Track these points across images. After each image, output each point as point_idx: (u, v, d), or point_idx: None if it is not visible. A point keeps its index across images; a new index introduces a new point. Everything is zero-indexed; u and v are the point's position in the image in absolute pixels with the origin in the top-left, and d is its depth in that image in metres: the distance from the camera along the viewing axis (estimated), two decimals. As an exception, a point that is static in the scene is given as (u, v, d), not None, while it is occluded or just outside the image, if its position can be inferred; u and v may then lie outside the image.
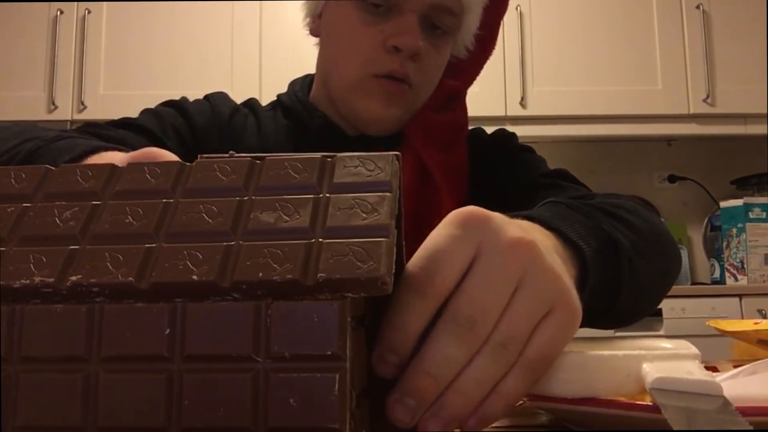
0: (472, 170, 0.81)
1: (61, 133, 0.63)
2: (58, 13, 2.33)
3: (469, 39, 0.79)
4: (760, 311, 2.05)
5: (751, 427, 0.30)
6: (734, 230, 2.28)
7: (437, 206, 0.75)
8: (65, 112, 2.29)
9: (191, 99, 0.83)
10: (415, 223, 0.33)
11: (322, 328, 0.24)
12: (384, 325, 0.30)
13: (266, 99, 0.88)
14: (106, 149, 0.52)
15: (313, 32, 0.80)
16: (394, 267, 0.26)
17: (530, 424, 0.44)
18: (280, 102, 0.85)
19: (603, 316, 0.56)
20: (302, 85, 0.84)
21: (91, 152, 0.51)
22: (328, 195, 0.28)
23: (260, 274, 0.25)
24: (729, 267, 2.29)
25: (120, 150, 0.51)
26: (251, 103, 0.85)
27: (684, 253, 2.47)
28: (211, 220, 0.27)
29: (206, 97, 0.84)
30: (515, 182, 0.79)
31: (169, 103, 0.81)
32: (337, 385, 0.24)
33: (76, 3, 2.35)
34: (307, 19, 0.80)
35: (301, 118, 0.80)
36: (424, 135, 0.77)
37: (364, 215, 0.27)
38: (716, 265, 2.41)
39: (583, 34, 2.36)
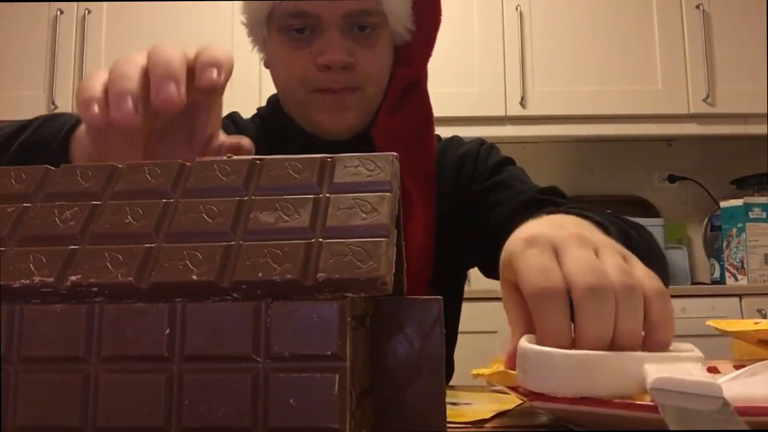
0: (447, 180, 0.84)
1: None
2: (58, 13, 2.33)
3: (404, 21, 0.80)
4: (760, 311, 2.05)
5: (747, 427, 0.30)
6: (734, 230, 2.28)
7: (408, 208, 0.76)
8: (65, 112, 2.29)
9: None
10: None
11: (322, 328, 0.24)
12: (540, 336, 0.38)
13: (266, 100, 0.89)
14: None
15: (266, 65, 0.85)
16: (394, 267, 0.26)
17: (530, 424, 0.44)
18: (259, 115, 0.89)
19: None
20: (278, 99, 0.87)
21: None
22: (328, 195, 0.28)
23: (260, 274, 0.25)
24: (729, 267, 2.29)
25: None
26: (233, 116, 0.89)
27: (684, 253, 2.47)
28: (211, 220, 0.27)
29: None
30: (501, 201, 0.80)
31: None
32: (337, 385, 0.24)
33: (76, 3, 2.34)
34: (262, 55, 0.86)
35: (278, 130, 0.84)
36: (386, 138, 0.78)
37: (364, 215, 0.27)
38: (716, 265, 2.41)
39: (583, 34, 2.35)
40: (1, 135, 0.60)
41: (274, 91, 0.88)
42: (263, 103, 0.90)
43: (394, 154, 0.30)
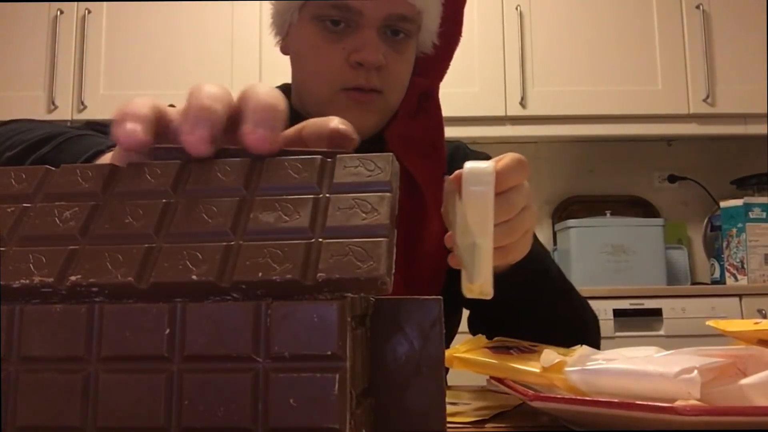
0: None
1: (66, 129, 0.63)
2: (58, 13, 2.33)
3: (431, 35, 0.81)
4: (760, 311, 2.05)
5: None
6: (734, 230, 2.28)
7: (423, 212, 0.76)
8: (65, 112, 2.29)
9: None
10: (404, 231, 0.34)
11: (322, 328, 0.24)
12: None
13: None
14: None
15: (283, 51, 0.82)
16: (393, 267, 0.26)
17: (530, 424, 0.44)
18: None
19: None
20: (285, 92, 0.86)
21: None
22: (328, 195, 0.28)
23: (260, 274, 0.25)
24: (729, 267, 2.29)
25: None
26: None
27: (684, 253, 2.47)
28: (211, 220, 0.27)
29: None
30: None
31: None
32: (337, 385, 0.24)
33: (76, 3, 2.34)
34: (277, 38, 0.83)
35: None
36: (404, 143, 0.78)
37: (363, 215, 0.27)
38: (716, 265, 2.41)
39: (583, 34, 2.35)
40: (23, 140, 0.58)
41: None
42: None
43: (393, 154, 0.30)
